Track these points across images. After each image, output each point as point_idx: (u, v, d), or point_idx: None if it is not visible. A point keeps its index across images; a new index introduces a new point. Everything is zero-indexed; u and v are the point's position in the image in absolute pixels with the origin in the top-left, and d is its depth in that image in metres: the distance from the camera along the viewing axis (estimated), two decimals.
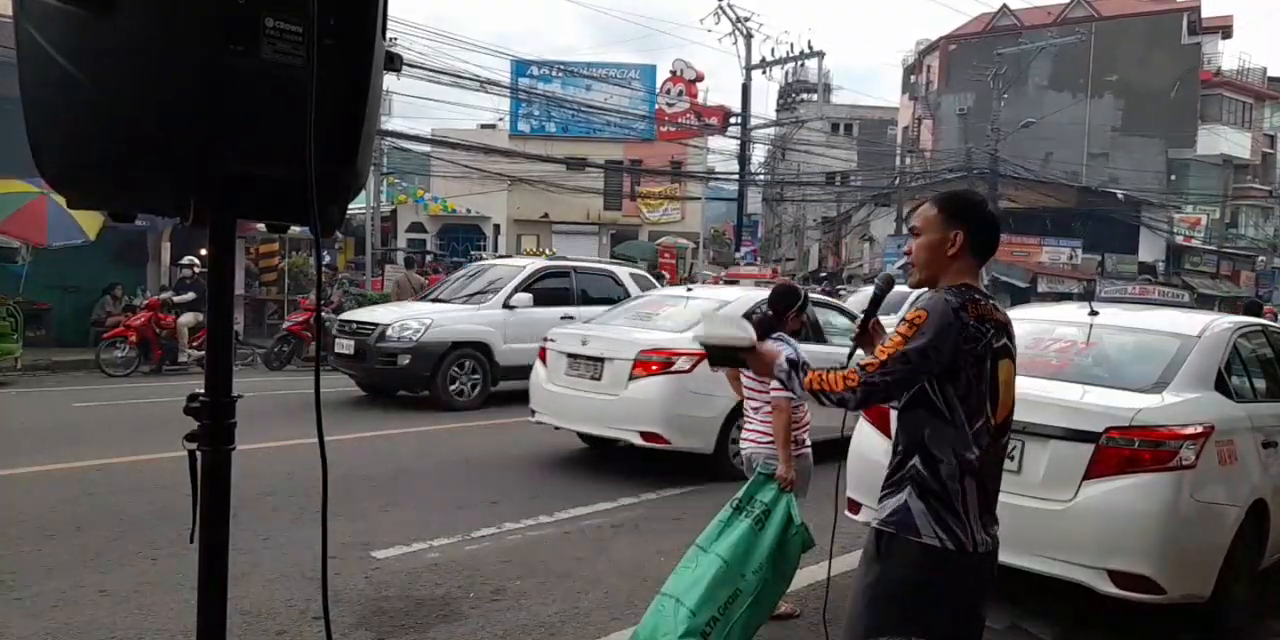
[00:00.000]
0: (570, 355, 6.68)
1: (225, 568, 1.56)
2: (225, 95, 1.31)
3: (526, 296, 9.86)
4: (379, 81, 1.52)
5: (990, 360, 1.99)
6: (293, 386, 10.18)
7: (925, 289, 2.13)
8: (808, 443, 3.81)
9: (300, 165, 1.33)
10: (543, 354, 7.07)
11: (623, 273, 11.37)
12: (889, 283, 2.42)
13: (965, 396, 1.97)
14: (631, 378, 6.20)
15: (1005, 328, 2.05)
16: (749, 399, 3.86)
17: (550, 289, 10.24)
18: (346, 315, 10.57)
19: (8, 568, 4.01)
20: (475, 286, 10.47)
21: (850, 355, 2.32)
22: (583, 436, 7.18)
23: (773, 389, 3.62)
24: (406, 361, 9.09)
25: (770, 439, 3.67)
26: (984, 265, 2.18)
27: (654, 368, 6.14)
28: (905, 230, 3.81)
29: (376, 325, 9.39)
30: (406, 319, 9.40)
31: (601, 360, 6.45)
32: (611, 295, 10.33)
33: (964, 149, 27.59)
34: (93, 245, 11.57)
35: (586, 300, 10.29)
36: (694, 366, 5.93)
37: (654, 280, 12.29)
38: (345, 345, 9.46)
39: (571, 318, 9.66)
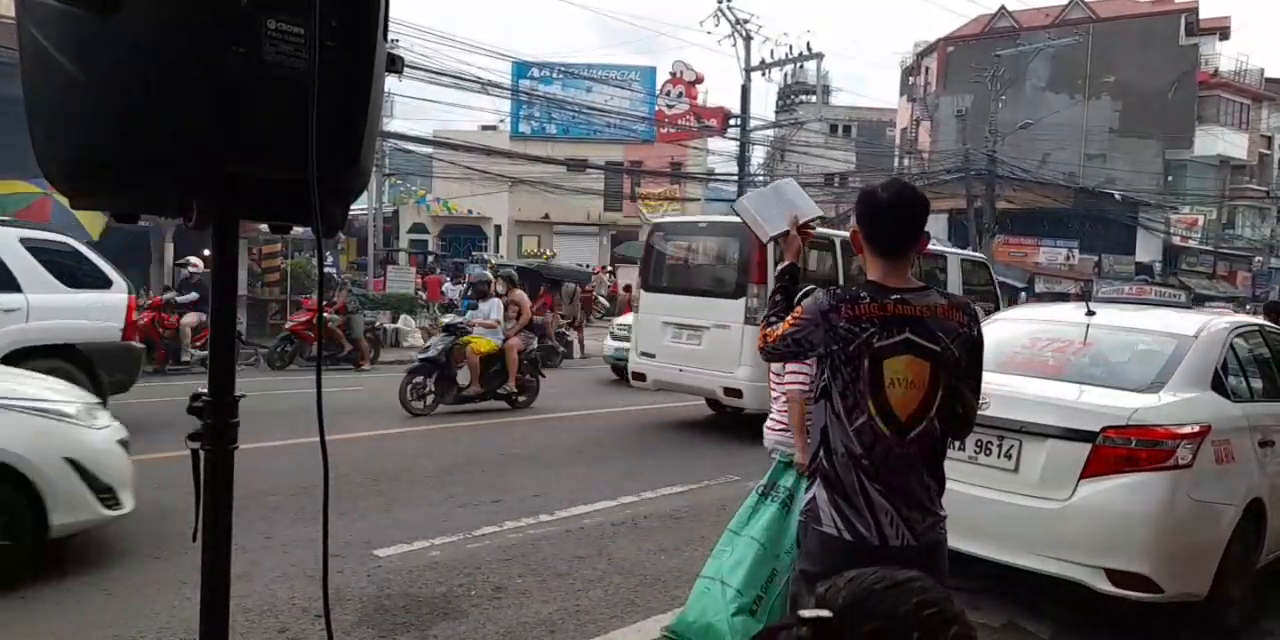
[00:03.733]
0: None
1: (228, 566, 1.56)
2: (227, 97, 1.32)
3: None
4: (380, 83, 1.53)
5: (869, 359, 1.96)
6: (295, 386, 10.18)
7: None
8: None
9: (302, 166, 1.34)
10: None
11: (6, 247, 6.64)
12: None
13: (844, 393, 2.01)
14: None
15: (900, 321, 1.98)
16: (771, 388, 3.90)
17: None
18: None
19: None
20: None
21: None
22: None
23: (785, 382, 3.68)
24: None
25: (788, 428, 3.74)
26: (890, 258, 2.07)
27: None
28: None
29: None
30: None
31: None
32: None
33: (962, 150, 27.59)
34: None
35: None
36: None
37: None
38: None
39: None
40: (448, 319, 10.14)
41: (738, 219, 2.80)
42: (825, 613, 0.87)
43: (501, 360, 9.36)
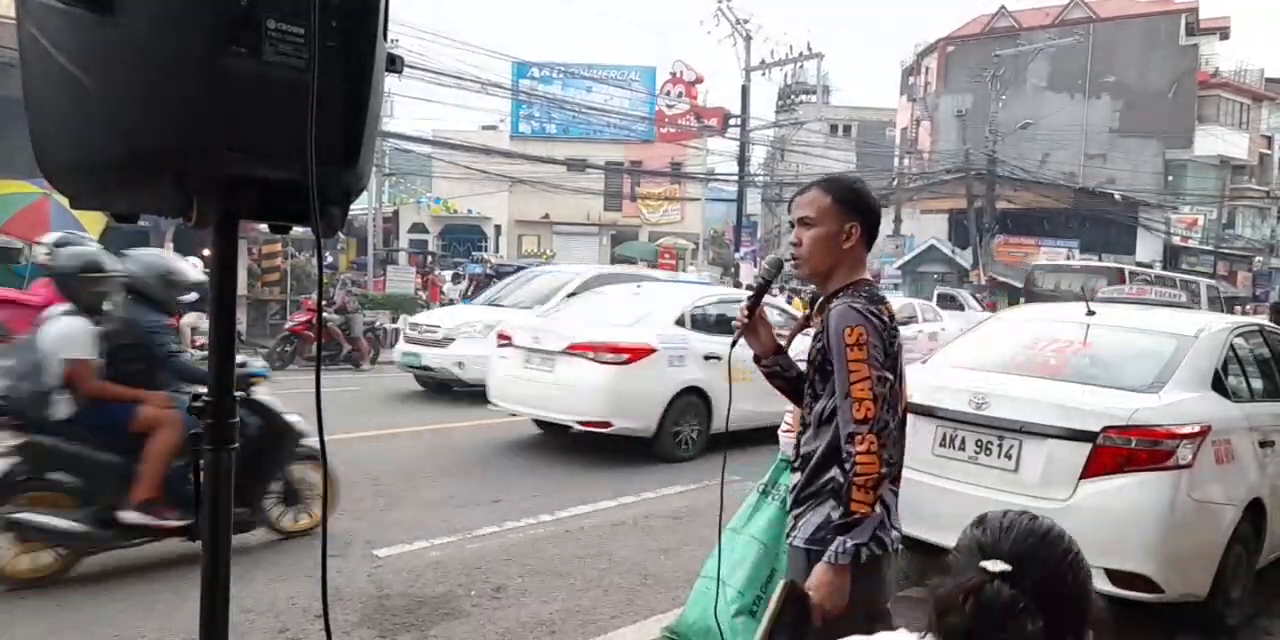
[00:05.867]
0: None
1: (228, 566, 1.56)
2: (227, 97, 1.31)
3: None
4: (381, 83, 1.53)
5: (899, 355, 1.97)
6: (294, 386, 10.16)
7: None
8: None
9: (302, 167, 1.34)
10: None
11: None
12: (778, 266, 2.18)
13: (900, 395, 1.93)
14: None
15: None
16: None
17: None
18: None
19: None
20: None
21: (733, 344, 2.14)
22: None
23: None
24: None
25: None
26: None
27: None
28: (789, 219, 2.09)
29: None
30: None
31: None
32: None
33: (962, 150, 27.59)
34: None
35: None
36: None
37: None
38: None
39: None
40: None
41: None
42: (1006, 566, 1.02)
43: None
